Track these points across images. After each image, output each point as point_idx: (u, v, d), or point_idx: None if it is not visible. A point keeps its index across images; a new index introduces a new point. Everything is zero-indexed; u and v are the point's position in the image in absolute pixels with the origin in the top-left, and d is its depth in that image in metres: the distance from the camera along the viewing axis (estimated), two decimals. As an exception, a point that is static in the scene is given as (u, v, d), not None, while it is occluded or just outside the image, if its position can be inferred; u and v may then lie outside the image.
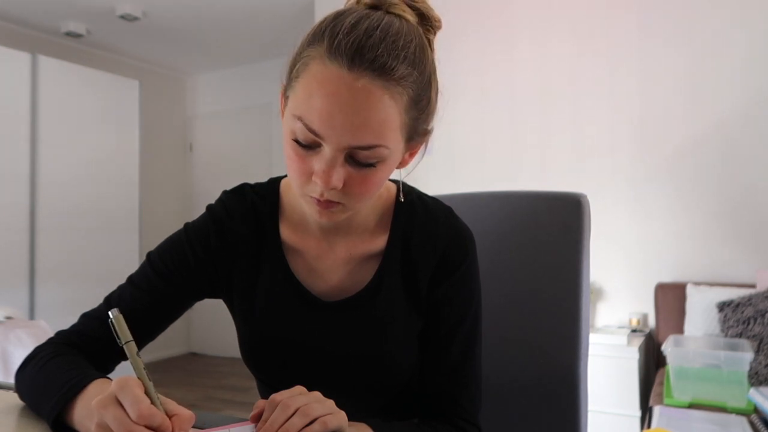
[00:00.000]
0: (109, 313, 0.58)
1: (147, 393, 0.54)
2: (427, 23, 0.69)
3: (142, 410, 0.51)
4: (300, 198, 0.69)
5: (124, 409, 0.52)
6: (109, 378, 0.66)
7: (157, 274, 0.78)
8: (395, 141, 0.65)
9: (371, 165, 0.64)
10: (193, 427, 0.64)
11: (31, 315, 3.55)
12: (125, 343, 0.56)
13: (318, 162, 0.63)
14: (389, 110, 0.62)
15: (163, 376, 4.47)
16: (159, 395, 0.55)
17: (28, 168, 3.58)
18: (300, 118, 0.62)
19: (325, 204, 0.66)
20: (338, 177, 0.63)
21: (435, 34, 0.70)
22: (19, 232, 3.54)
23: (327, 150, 0.62)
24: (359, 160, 0.63)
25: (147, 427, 0.51)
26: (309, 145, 0.64)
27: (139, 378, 0.55)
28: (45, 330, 2.81)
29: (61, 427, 0.62)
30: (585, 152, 2.96)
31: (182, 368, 4.78)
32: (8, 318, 2.82)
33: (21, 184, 3.55)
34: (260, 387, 0.88)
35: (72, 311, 0.79)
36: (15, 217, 3.52)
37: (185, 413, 0.55)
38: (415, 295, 0.78)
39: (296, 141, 0.64)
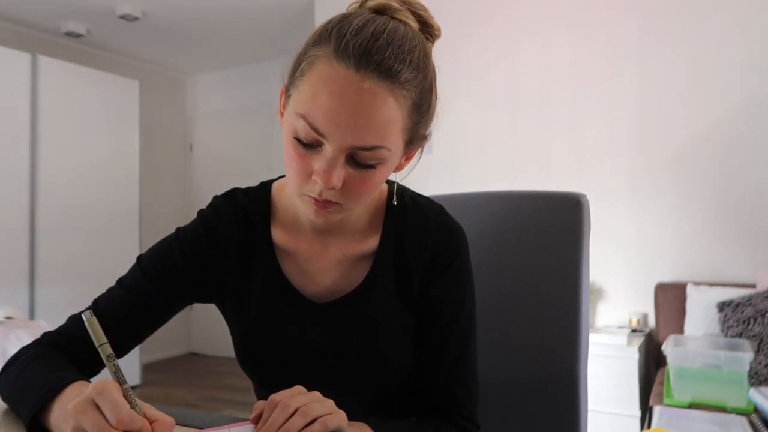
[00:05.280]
0: (83, 315, 0.57)
1: (125, 397, 0.53)
2: (428, 31, 0.70)
3: (121, 415, 0.51)
4: (297, 197, 0.69)
5: (103, 414, 0.51)
6: (88, 381, 0.65)
7: (145, 276, 0.78)
8: (396, 144, 0.65)
9: (371, 166, 0.65)
10: (194, 427, 0.64)
11: (31, 315, 3.55)
12: (100, 345, 0.55)
13: (318, 161, 0.63)
14: (393, 112, 0.62)
15: (163, 376, 4.47)
16: (137, 399, 0.54)
17: (28, 168, 3.58)
18: (304, 117, 0.62)
19: (323, 204, 0.66)
20: (338, 177, 0.63)
21: (434, 42, 0.71)
22: (19, 232, 3.54)
23: (329, 149, 0.62)
24: (360, 161, 0.64)
25: None
26: (310, 144, 0.63)
27: (116, 381, 0.54)
28: (45, 330, 2.81)
29: (38, 429, 0.61)
30: (585, 152, 2.96)
31: (182, 368, 4.78)
32: (8, 318, 2.82)
33: (21, 184, 3.55)
34: (257, 390, 0.87)
35: (72, 311, 0.79)
36: (15, 217, 3.52)
37: (166, 419, 0.54)
38: (407, 294, 0.78)
39: (297, 140, 0.64)
